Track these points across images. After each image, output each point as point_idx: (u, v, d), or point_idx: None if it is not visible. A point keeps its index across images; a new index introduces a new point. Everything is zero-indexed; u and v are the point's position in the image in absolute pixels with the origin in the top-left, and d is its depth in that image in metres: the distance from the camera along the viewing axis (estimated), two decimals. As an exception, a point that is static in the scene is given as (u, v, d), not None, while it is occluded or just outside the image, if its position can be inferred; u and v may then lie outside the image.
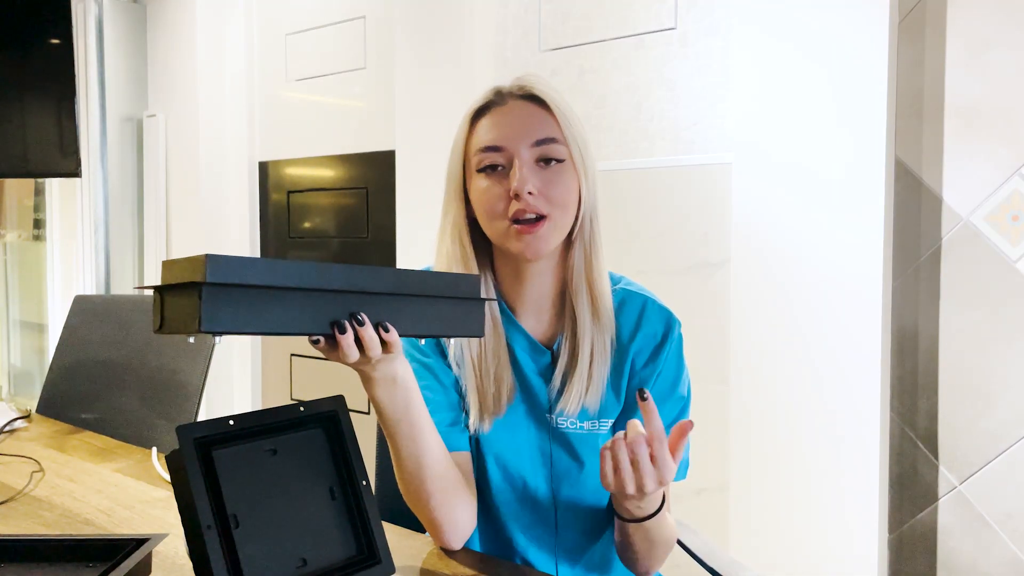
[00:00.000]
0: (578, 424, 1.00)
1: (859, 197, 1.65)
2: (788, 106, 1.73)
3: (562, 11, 2.11)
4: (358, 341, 0.76)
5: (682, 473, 0.99)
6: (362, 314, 0.76)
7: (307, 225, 2.83)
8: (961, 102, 1.66)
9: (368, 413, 2.39)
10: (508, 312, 1.03)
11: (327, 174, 2.76)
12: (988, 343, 1.65)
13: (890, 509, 1.77)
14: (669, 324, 1.03)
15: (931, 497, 1.73)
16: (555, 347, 1.01)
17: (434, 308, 0.83)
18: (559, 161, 0.96)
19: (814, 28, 1.69)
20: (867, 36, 1.63)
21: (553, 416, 1.01)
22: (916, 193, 1.72)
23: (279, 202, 2.90)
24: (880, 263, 1.64)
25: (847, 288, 1.67)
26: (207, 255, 0.64)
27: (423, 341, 1.00)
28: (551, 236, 0.95)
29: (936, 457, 1.72)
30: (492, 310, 1.00)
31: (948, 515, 1.71)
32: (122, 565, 0.83)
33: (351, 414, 0.89)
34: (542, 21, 2.15)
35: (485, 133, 0.97)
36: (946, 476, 1.71)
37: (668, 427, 0.98)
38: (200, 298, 0.64)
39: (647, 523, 0.91)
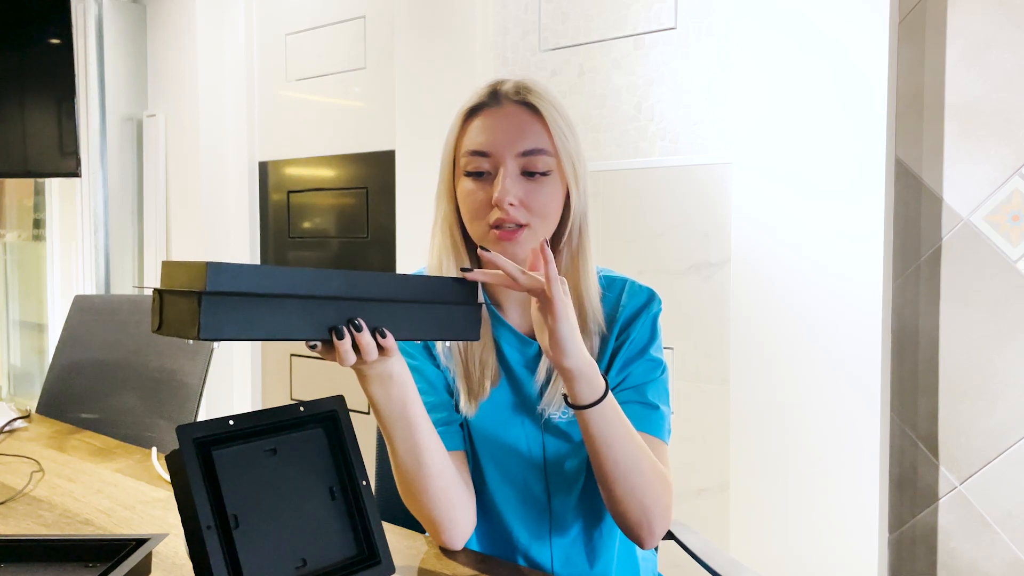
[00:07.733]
0: (570, 414, 1.01)
1: (859, 197, 1.65)
2: (788, 106, 1.73)
3: (562, 11, 2.11)
4: (355, 346, 0.77)
5: (660, 433, 0.99)
6: (359, 320, 0.76)
7: (307, 225, 2.83)
8: (961, 102, 1.66)
9: (368, 413, 2.39)
10: (493, 308, 1.04)
11: (327, 174, 2.76)
12: (988, 343, 1.65)
13: (890, 509, 1.77)
14: (650, 298, 1.04)
15: (931, 497, 1.73)
16: None
17: (431, 312, 0.84)
18: (544, 173, 0.96)
19: (814, 28, 1.69)
20: (867, 36, 1.63)
21: (543, 407, 1.01)
22: (916, 193, 1.72)
23: (279, 202, 2.90)
24: (880, 263, 1.64)
25: (847, 288, 1.67)
26: (208, 263, 0.64)
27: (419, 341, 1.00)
28: (529, 243, 0.96)
29: (936, 457, 1.72)
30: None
31: (948, 515, 1.71)
32: (122, 565, 0.83)
33: (351, 414, 0.89)
34: (542, 21, 2.15)
35: (475, 136, 0.98)
36: (946, 476, 1.71)
37: (642, 387, 1.01)
38: (200, 306, 0.64)
39: (599, 409, 0.88)
